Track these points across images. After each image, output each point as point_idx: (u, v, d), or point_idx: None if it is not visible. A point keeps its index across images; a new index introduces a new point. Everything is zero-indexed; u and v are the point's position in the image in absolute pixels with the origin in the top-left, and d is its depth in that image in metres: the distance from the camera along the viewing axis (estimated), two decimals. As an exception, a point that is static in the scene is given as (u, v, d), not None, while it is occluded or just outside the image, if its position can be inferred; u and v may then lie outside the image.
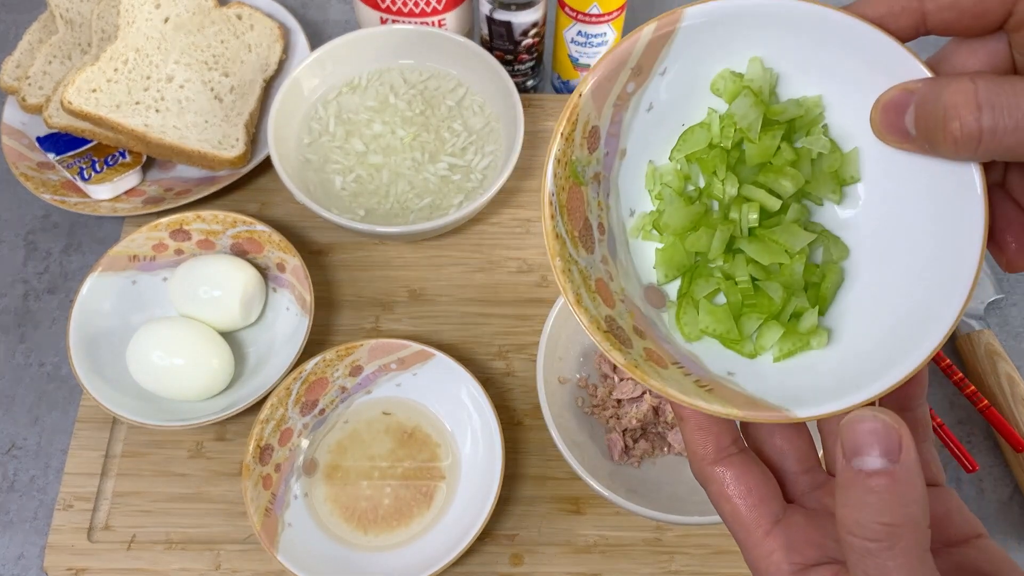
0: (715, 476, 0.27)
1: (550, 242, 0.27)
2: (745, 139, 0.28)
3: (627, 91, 0.29)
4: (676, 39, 0.27)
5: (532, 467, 0.57)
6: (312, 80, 0.65)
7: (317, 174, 0.64)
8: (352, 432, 0.57)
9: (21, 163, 0.65)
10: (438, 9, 0.66)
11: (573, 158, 0.28)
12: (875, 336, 0.26)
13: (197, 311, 0.58)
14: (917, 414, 0.28)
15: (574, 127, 0.28)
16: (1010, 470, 0.58)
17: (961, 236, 0.24)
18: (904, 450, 0.22)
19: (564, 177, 0.28)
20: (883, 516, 0.22)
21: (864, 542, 0.22)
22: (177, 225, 0.61)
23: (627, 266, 0.30)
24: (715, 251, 0.29)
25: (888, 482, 0.22)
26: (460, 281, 0.64)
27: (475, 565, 0.54)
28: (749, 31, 0.27)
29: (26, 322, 0.64)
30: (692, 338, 0.29)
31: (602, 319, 0.27)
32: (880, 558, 0.22)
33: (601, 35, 0.65)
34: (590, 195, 0.29)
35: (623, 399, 0.55)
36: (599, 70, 0.27)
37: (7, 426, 0.60)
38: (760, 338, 0.28)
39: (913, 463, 0.22)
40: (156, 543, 0.55)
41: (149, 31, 0.66)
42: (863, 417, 0.23)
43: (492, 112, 0.66)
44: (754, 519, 0.27)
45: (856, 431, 0.23)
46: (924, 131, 0.24)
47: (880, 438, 0.22)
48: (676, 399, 0.26)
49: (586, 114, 0.28)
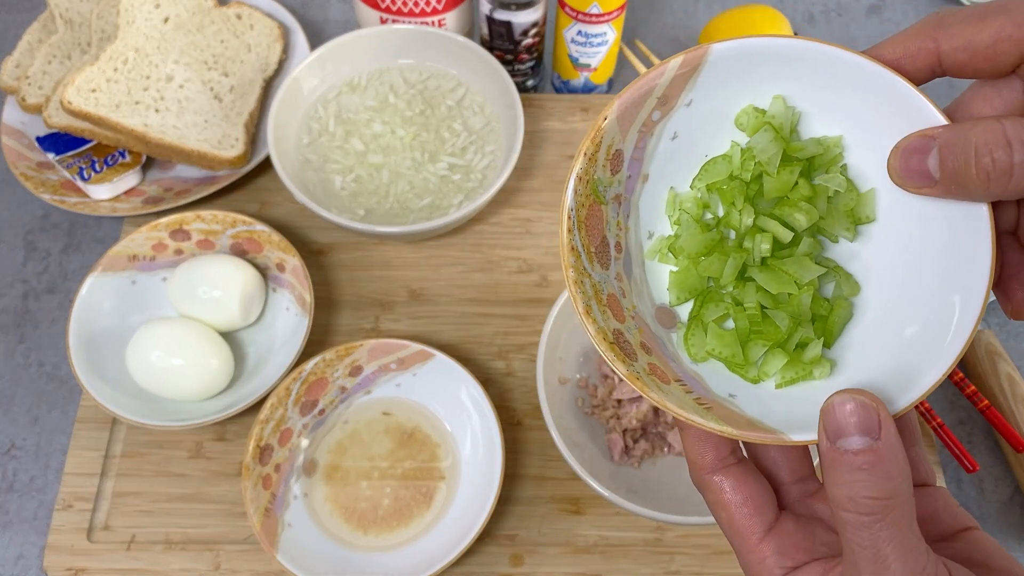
0: (713, 485, 0.28)
1: (565, 254, 0.29)
2: (764, 173, 0.29)
3: (652, 119, 0.30)
4: (702, 73, 0.29)
5: (532, 467, 0.57)
6: (312, 80, 0.65)
7: (317, 174, 0.64)
8: (352, 432, 0.57)
9: (21, 163, 0.65)
10: (438, 9, 0.66)
11: (595, 177, 0.29)
12: (876, 371, 0.27)
13: (197, 311, 0.58)
14: (905, 419, 0.29)
15: (598, 148, 0.29)
16: (1010, 470, 0.58)
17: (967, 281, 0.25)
18: (883, 427, 0.24)
19: (584, 195, 0.29)
20: (873, 491, 0.24)
21: (858, 516, 0.24)
22: (177, 225, 0.60)
23: (641, 285, 0.31)
24: (727, 277, 0.30)
25: (873, 459, 0.24)
26: (460, 281, 0.64)
27: (475, 565, 0.54)
28: (774, 70, 0.28)
29: (26, 322, 0.64)
30: (698, 359, 0.30)
31: (609, 331, 0.28)
32: (873, 529, 0.24)
33: (601, 35, 0.65)
34: (609, 214, 0.30)
35: (623, 399, 0.55)
36: (625, 96, 0.29)
37: (7, 426, 0.60)
38: (764, 364, 0.29)
39: (893, 438, 0.24)
40: (156, 543, 0.55)
41: (149, 31, 0.66)
42: (842, 400, 0.24)
43: (492, 112, 0.66)
44: (749, 527, 0.28)
45: (836, 413, 0.24)
46: (951, 173, 0.24)
47: (860, 419, 0.24)
48: (674, 413, 0.27)
49: (610, 137, 0.29)
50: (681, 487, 0.53)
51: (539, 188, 0.67)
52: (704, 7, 0.80)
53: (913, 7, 0.79)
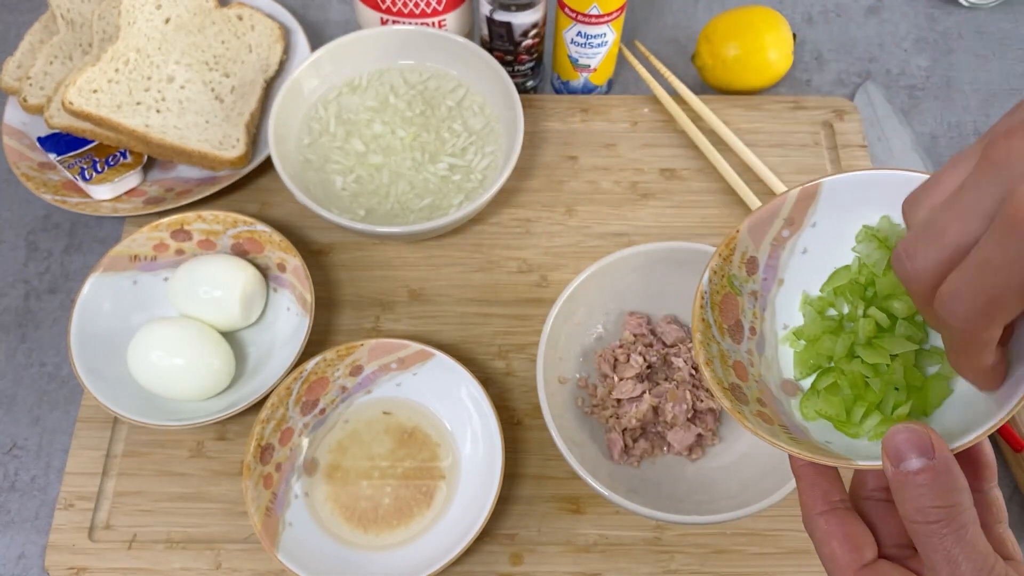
0: (820, 523, 0.32)
1: (696, 322, 0.37)
2: (873, 275, 0.36)
3: (783, 235, 0.38)
4: (821, 200, 0.37)
5: (532, 467, 0.57)
6: (312, 80, 0.65)
7: (317, 174, 0.64)
8: (352, 432, 0.57)
9: (22, 163, 0.65)
10: (438, 10, 0.66)
11: (731, 273, 0.38)
12: (949, 426, 0.33)
13: (198, 311, 0.58)
14: (989, 496, 0.33)
15: (732, 252, 0.38)
16: (1009, 470, 0.58)
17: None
18: (936, 447, 0.28)
19: (719, 283, 0.38)
20: (935, 501, 0.28)
21: (927, 525, 0.28)
22: (178, 225, 0.61)
23: (771, 362, 0.39)
24: (838, 353, 0.37)
25: (931, 475, 0.28)
26: (460, 281, 0.64)
27: (475, 564, 0.54)
28: (881, 193, 0.35)
29: (27, 322, 0.64)
30: (810, 418, 0.37)
31: (727, 382, 0.36)
32: (942, 534, 0.28)
33: (601, 36, 0.65)
34: (746, 304, 0.39)
35: (623, 399, 0.56)
36: (755, 216, 0.38)
37: (8, 426, 0.60)
38: (863, 422, 0.35)
39: (947, 457, 0.28)
40: (157, 542, 0.55)
41: (150, 31, 0.66)
42: (898, 430, 0.29)
43: (492, 112, 0.66)
44: (847, 560, 0.31)
45: (894, 442, 0.29)
46: None
47: (914, 443, 0.28)
48: (762, 437, 0.33)
49: (744, 245, 0.38)
50: (680, 486, 0.54)
51: (539, 188, 0.67)
52: (703, 8, 0.80)
53: (912, 8, 0.79)
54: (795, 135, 0.70)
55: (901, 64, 0.76)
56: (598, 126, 0.70)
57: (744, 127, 0.70)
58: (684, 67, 0.75)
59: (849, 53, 0.77)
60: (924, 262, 0.28)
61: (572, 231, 0.66)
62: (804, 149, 0.69)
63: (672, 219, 0.66)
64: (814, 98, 0.71)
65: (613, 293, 0.58)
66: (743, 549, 0.55)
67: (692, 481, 0.54)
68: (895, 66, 0.76)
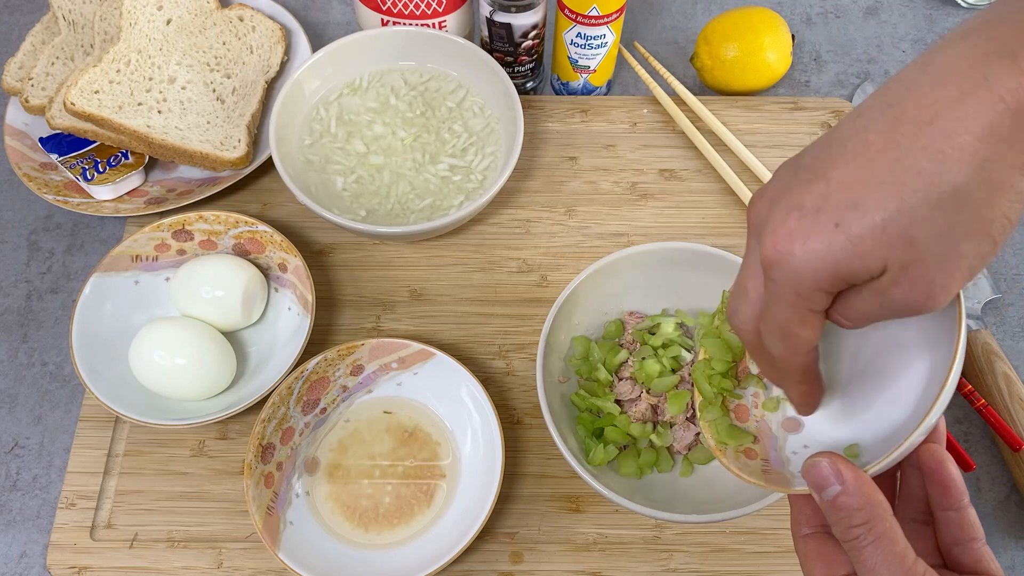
0: (801, 545, 0.37)
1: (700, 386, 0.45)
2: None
3: None
4: None
5: (532, 466, 0.57)
6: (313, 81, 0.66)
7: (318, 175, 0.64)
8: (353, 431, 0.57)
9: (24, 164, 0.65)
10: (438, 11, 0.66)
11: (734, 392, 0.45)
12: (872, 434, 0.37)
13: (199, 311, 0.58)
14: (963, 515, 0.35)
15: None
16: (1007, 469, 0.58)
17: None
18: (844, 473, 0.32)
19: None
20: (854, 520, 0.32)
21: (851, 542, 0.32)
22: (179, 225, 0.61)
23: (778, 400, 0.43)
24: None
25: (845, 499, 0.32)
26: (460, 281, 0.64)
27: (475, 563, 0.54)
28: None
29: (29, 322, 0.64)
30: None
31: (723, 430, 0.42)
32: (866, 550, 0.32)
33: (600, 37, 0.66)
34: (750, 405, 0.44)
35: (622, 399, 0.56)
36: None
37: (10, 425, 0.60)
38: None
39: (854, 480, 0.32)
40: (158, 541, 0.55)
41: (151, 32, 0.66)
42: (812, 464, 0.34)
43: (492, 113, 0.66)
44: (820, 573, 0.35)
45: (813, 475, 0.33)
46: None
47: (827, 474, 0.33)
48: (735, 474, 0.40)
49: None
50: (680, 485, 0.54)
51: (539, 189, 0.68)
52: (703, 9, 0.80)
53: (910, 9, 0.80)
54: (794, 136, 0.70)
55: (900, 65, 0.76)
56: (598, 127, 0.71)
57: (743, 128, 0.70)
58: (683, 68, 0.75)
59: (848, 54, 0.77)
60: (744, 316, 0.34)
61: (572, 231, 0.66)
62: (803, 150, 0.69)
63: (671, 219, 0.66)
64: (813, 99, 0.72)
65: (613, 293, 0.58)
66: (742, 547, 0.55)
67: (691, 480, 0.54)
68: (894, 67, 0.76)
